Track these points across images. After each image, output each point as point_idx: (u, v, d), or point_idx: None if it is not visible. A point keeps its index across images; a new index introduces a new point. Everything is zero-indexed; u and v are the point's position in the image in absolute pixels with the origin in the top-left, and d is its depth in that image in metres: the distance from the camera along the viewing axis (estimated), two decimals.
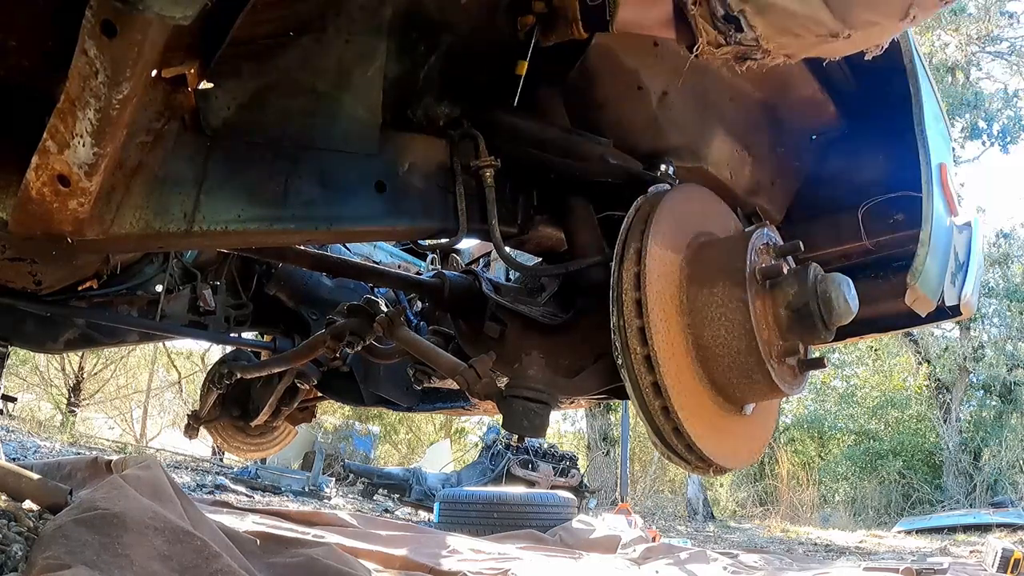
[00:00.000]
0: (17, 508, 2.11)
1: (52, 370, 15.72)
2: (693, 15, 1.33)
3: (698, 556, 5.20)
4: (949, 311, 2.05)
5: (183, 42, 1.06)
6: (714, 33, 1.33)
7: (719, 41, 1.34)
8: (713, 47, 1.35)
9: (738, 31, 1.31)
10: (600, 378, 1.54)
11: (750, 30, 1.30)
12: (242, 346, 2.98)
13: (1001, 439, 14.36)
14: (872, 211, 2.09)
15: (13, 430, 9.60)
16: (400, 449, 20.87)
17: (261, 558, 2.40)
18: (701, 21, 1.33)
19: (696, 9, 1.33)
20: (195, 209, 1.20)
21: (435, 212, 1.56)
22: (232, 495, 7.20)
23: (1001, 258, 16.01)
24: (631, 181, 1.70)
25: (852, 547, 9.14)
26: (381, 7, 1.38)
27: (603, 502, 13.06)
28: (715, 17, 1.31)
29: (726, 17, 1.30)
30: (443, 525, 6.50)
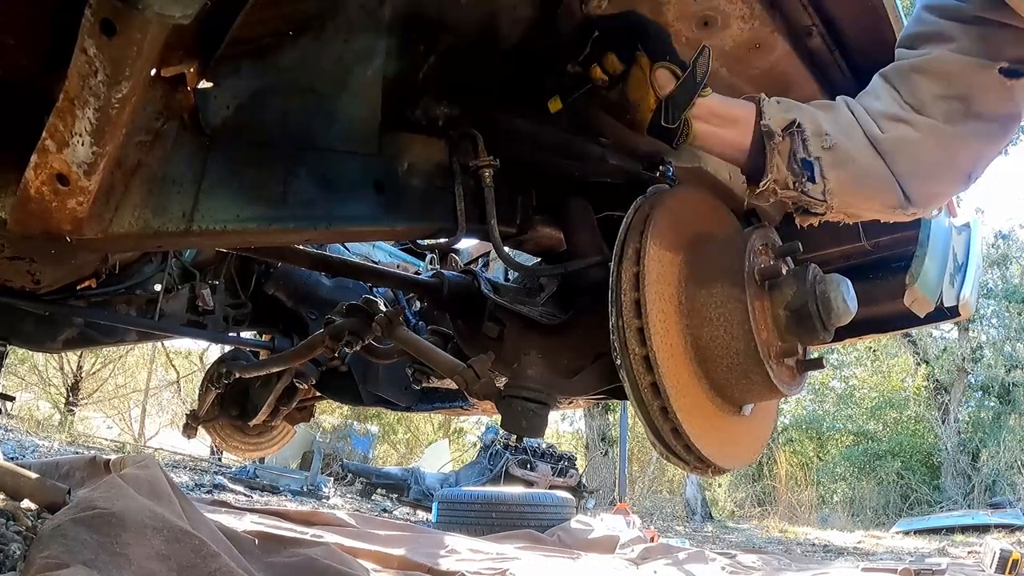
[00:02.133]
0: (15, 507, 2.11)
1: (51, 369, 15.71)
2: (774, 147, 1.26)
3: (696, 556, 5.20)
4: (948, 312, 2.05)
5: (183, 41, 1.06)
6: (786, 174, 1.27)
7: (787, 183, 1.27)
8: (778, 187, 1.29)
9: (810, 180, 1.25)
10: (599, 378, 1.54)
11: (821, 181, 1.24)
12: (241, 345, 2.98)
13: (999, 440, 14.39)
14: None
15: (11, 429, 9.60)
16: (398, 449, 20.88)
17: (259, 557, 2.41)
18: (778, 155, 1.26)
19: (781, 140, 1.26)
20: (194, 208, 1.20)
21: (434, 212, 1.56)
22: (230, 494, 7.20)
23: (1000, 259, 16.04)
24: (630, 181, 1.70)
25: (850, 548, 9.15)
26: (381, 7, 1.38)
27: (601, 502, 13.06)
28: (793, 157, 1.25)
29: (803, 161, 1.24)
30: (441, 525, 6.51)
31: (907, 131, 1.22)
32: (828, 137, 1.24)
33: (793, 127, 1.26)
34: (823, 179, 1.24)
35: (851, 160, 1.24)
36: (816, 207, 1.30)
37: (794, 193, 1.28)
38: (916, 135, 1.22)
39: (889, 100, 1.27)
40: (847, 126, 1.26)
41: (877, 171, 1.24)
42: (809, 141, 1.24)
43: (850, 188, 1.26)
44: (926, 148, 1.22)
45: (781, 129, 1.26)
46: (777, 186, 1.29)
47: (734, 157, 1.36)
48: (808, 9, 1.58)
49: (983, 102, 1.20)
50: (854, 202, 1.30)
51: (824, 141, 1.24)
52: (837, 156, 1.24)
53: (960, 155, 1.25)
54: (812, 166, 1.24)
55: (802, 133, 1.25)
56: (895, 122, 1.24)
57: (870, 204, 1.30)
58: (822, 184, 1.25)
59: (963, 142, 1.23)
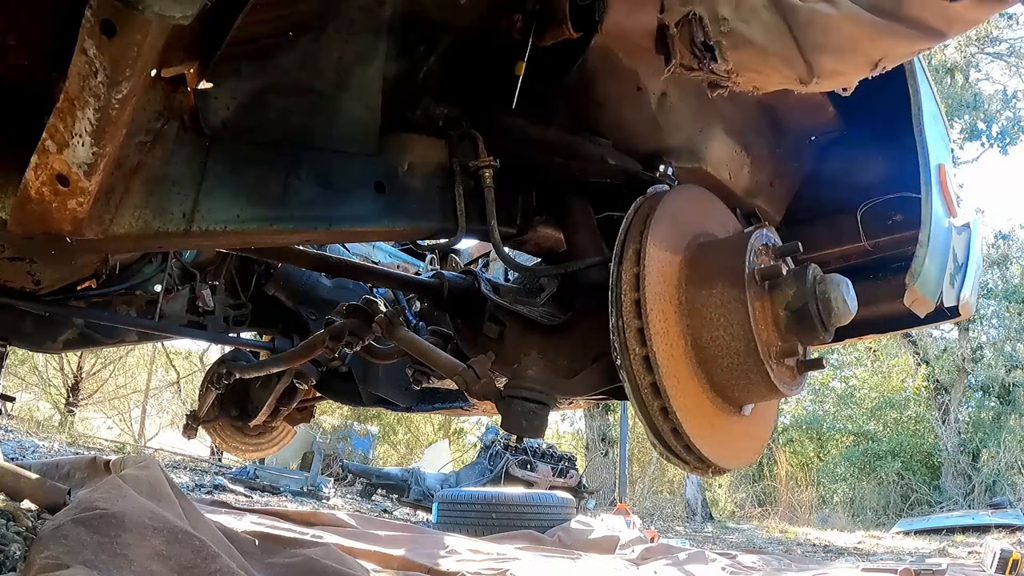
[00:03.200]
0: (16, 508, 2.10)
1: (51, 370, 15.71)
2: (672, 36, 1.36)
3: (696, 557, 5.20)
4: (948, 312, 2.05)
5: (183, 42, 1.07)
6: (689, 57, 1.37)
7: (692, 65, 1.37)
8: (685, 69, 1.39)
9: (712, 60, 1.34)
10: (599, 378, 1.54)
11: (723, 62, 1.33)
12: (241, 346, 2.98)
13: (999, 440, 14.38)
14: (871, 212, 2.09)
15: (12, 430, 9.59)
16: (399, 449, 20.87)
17: (259, 558, 2.40)
18: (679, 43, 1.36)
19: (676, 31, 1.36)
20: (194, 209, 1.20)
21: (434, 212, 1.56)
22: (230, 495, 7.20)
23: (1000, 259, 16.02)
24: (630, 182, 1.70)
25: (850, 548, 9.14)
26: (381, 7, 1.38)
27: (601, 503, 13.06)
28: (693, 42, 1.34)
29: (704, 45, 1.33)
30: (441, 525, 6.50)
31: (826, 7, 1.28)
32: (726, 22, 1.32)
33: (689, 16, 1.34)
34: (724, 60, 1.33)
35: (749, 42, 1.32)
36: (723, 81, 1.39)
37: (701, 73, 1.38)
38: (834, 12, 1.27)
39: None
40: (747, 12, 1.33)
41: (778, 50, 1.32)
42: (708, 28, 1.33)
43: (751, 65, 1.35)
44: (841, 28, 1.28)
45: (675, 22, 1.36)
46: (683, 68, 1.38)
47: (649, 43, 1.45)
48: None
49: (915, 7, 1.25)
50: (756, 76, 1.38)
51: (722, 26, 1.32)
52: (736, 38, 1.32)
53: (873, 44, 1.31)
54: (714, 49, 1.33)
55: (700, 21, 1.33)
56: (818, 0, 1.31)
57: (773, 77, 1.38)
58: (724, 64, 1.34)
59: (880, 34, 1.29)
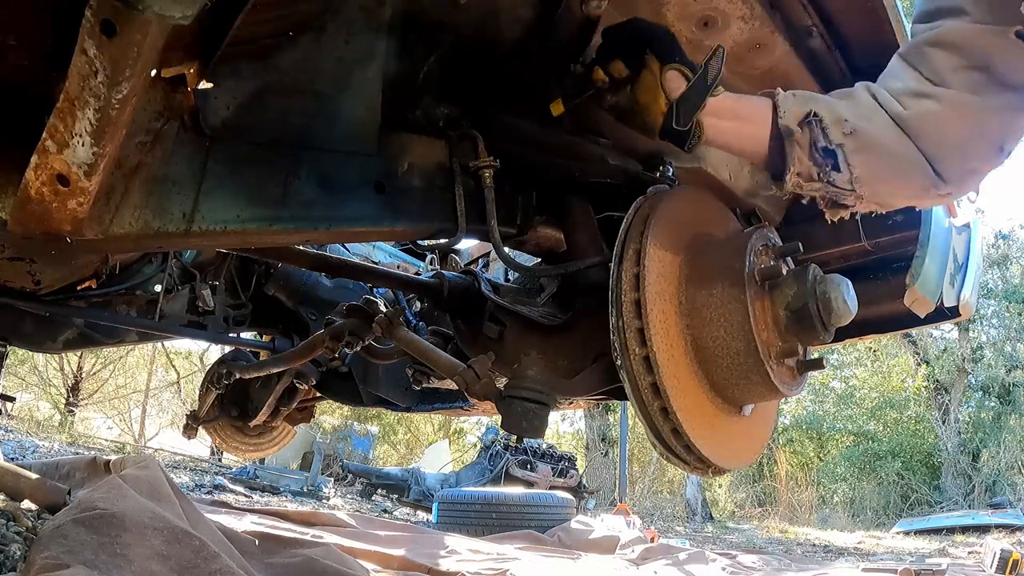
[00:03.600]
0: (16, 508, 2.11)
1: (51, 370, 15.72)
2: (793, 141, 1.23)
3: (696, 557, 5.21)
4: (948, 312, 2.05)
5: (183, 42, 1.07)
6: (809, 165, 1.22)
7: (811, 175, 1.23)
8: (803, 180, 1.24)
9: (834, 169, 1.20)
10: (599, 379, 1.54)
11: (847, 169, 1.20)
12: (241, 346, 2.98)
13: (1000, 440, 14.39)
14: (871, 212, 2.09)
15: (12, 430, 9.59)
16: (399, 449, 20.88)
17: (260, 558, 2.41)
18: (798, 149, 1.23)
19: (799, 133, 1.22)
20: (194, 209, 1.20)
21: (434, 212, 1.56)
22: (231, 495, 7.20)
23: (1000, 259, 16.03)
24: (630, 182, 1.70)
25: (850, 548, 9.15)
26: (381, 7, 1.38)
27: (602, 503, 13.06)
28: (814, 147, 1.21)
29: (825, 151, 1.20)
30: (441, 525, 6.51)
31: (930, 105, 1.17)
32: (847, 123, 1.20)
33: (810, 117, 1.22)
34: (848, 166, 1.20)
35: (875, 143, 1.19)
36: (845, 197, 1.26)
37: (820, 184, 1.24)
38: (940, 108, 1.16)
39: (908, 77, 1.22)
40: (867, 110, 1.21)
41: (904, 152, 1.18)
42: (829, 130, 1.20)
43: (878, 173, 1.22)
44: (952, 121, 1.17)
45: (798, 122, 1.23)
46: (802, 179, 1.25)
47: (754, 155, 1.33)
48: (808, 9, 1.58)
49: (1005, 69, 1.14)
50: (884, 188, 1.25)
51: (844, 127, 1.20)
52: (860, 141, 1.19)
53: (989, 126, 1.19)
54: (835, 154, 1.20)
55: (820, 123, 1.21)
56: (917, 98, 1.18)
57: (901, 188, 1.26)
58: (848, 172, 1.21)
59: (990, 112, 1.17)
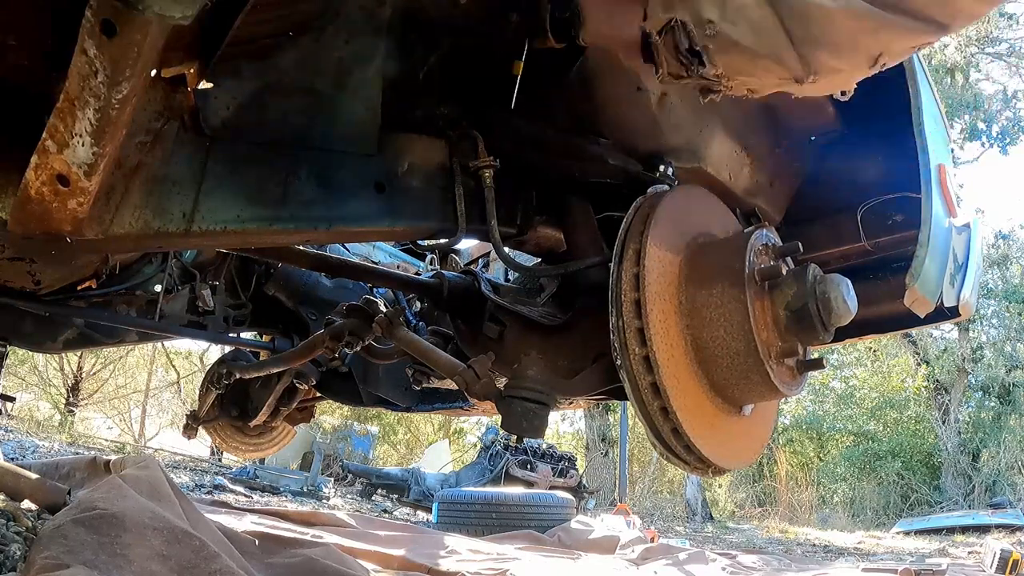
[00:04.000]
0: (16, 508, 2.10)
1: (51, 370, 15.71)
2: (656, 44, 1.33)
3: (696, 557, 5.20)
4: (948, 312, 2.05)
5: (183, 42, 1.07)
6: (676, 65, 1.32)
7: (680, 73, 1.33)
8: (674, 77, 1.34)
9: (700, 65, 1.29)
10: (599, 378, 1.54)
11: (712, 67, 1.28)
12: (241, 346, 2.98)
13: (999, 440, 14.38)
14: (871, 212, 2.09)
15: (12, 430, 9.59)
16: (399, 449, 20.87)
17: (260, 558, 2.40)
18: (664, 52, 1.32)
19: (660, 40, 1.32)
20: (194, 209, 1.20)
21: (434, 212, 1.56)
22: (231, 495, 7.20)
23: (1000, 259, 16.02)
24: (630, 181, 1.70)
25: (850, 548, 9.14)
26: (381, 7, 1.38)
27: (602, 503, 13.06)
28: (679, 50, 1.30)
29: (690, 51, 1.28)
30: (441, 525, 6.50)
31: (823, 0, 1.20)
32: (711, 25, 1.26)
33: (672, 23, 1.29)
34: (713, 65, 1.28)
35: (737, 44, 1.25)
36: (715, 87, 1.35)
37: (690, 79, 1.33)
38: (830, 4, 1.19)
39: None
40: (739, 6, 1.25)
41: (770, 50, 1.24)
42: (693, 33, 1.27)
43: (742, 67, 1.29)
44: (838, 20, 1.19)
45: (657, 30, 1.32)
46: (672, 76, 1.34)
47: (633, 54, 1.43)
48: None
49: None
50: (750, 80, 1.33)
51: (708, 29, 1.26)
52: (722, 42, 1.26)
53: (872, 39, 1.22)
54: (700, 54, 1.28)
55: (684, 27, 1.28)
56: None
57: (767, 79, 1.32)
58: (713, 69, 1.29)
59: (880, 27, 1.20)
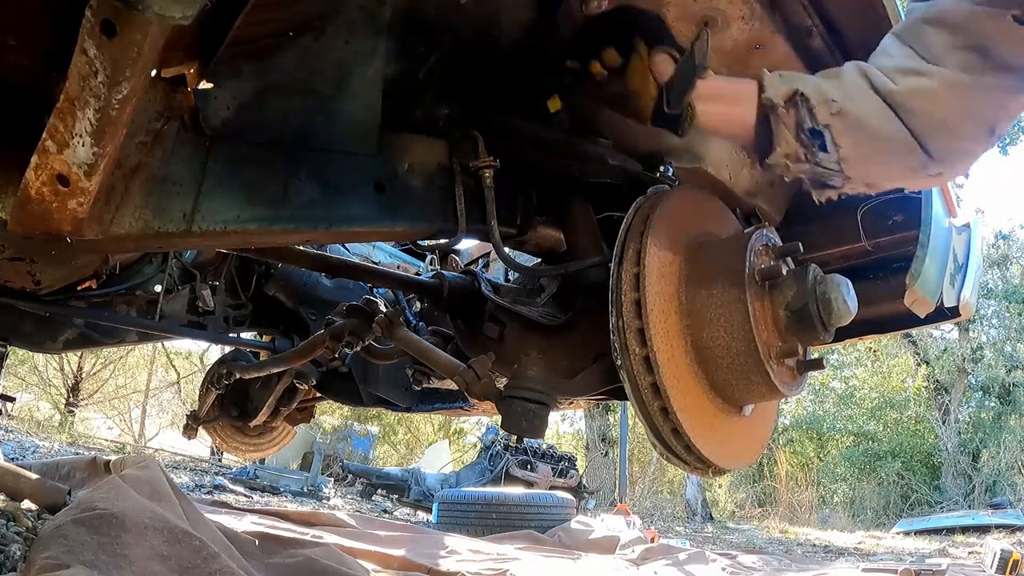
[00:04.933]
0: (16, 508, 2.11)
1: (51, 370, 15.71)
2: (778, 119, 1.22)
3: (696, 557, 5.21)
4: (948, 312, 2.05)
5: (183, 42, 1.07)
6: (795, 146, 1.22)
7: (798, 156, 1.22)
8: (790, 161, 1.24)
9: (821, 149, 1.19)
10: (599, 379, 1.54)
11: (834, 149, 1.19)
12: (241, 346, 2.98)
13: (1000, 440, 14.39)
14: (871, 212, 2.09)
15: (12, 430, 9.59)
16: (399, 449, 20.87)
17: (260, 558, 2.40)
18: (784, 130, 1.22)
19: (783, 113, 1.22)
20: (194, 209, 1.20)
21: (434, 213, 1.56)
22: (231, 495, 7.20)
23: (1000, 259, 16.03)
24: (631, 182, 1.70)
25: (851, 548, 9.14)
26: (381, 7, 1.38)
27: (602, 503, 13.06)
28: (800, 128, 1.20)
29: (811, 131, 1.19)
30: (442, 526, 6.50)
31: (923, 82, 1.14)
32: (835, 103, 1.18)
33: (796, 97, 1.21)
34: (835, 146, 1.19)
35: (862, 123, 1.18)
36: (833, 178, 1.24)
37: (807, 166, 1.23)
38: (932, 86, 1.14)
39: (901, 54, 1.20)
40: (855, 89, 1.19)
41: (892, 130, 1.16)
42: (816, 109, 1.19)
43: (865, 152, 1.20)
44: (944, 100, 1.14)
45: (784, 101, 1.22)
46: (788, 160, 1.24)
47: (742, 136, 1.33)
48: (808, 10, 1.58)
49: (1001, 50, 1.11)
50: (872, 168, 1.24)
51: (831, 107, 1.18)
52: (847, 121, 1.18)
53: (981, 107, 1.16)
54: (822, 135, 1.19)
55: (807, 102, 1.20)
56: (909, 75, 1.16)
57: (890, 168, 1.24)
58: (835, 152, 1.19)
59: (984, 93, 1.14)
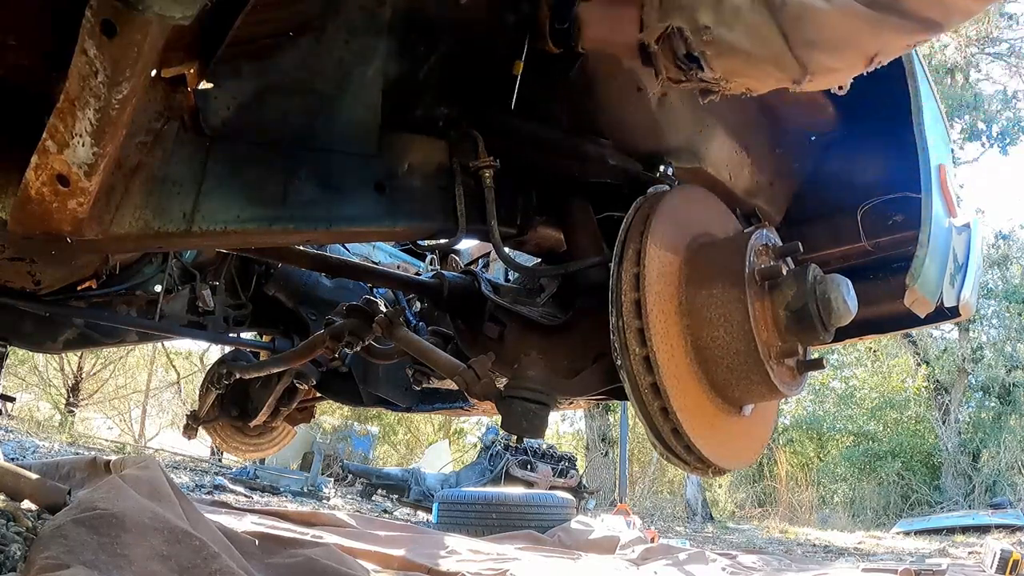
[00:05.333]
0: (16, 508, 2.10)
1: (51, 370, 15.71)
2: (655, 52, 1.35)
3: (697, 557, 5.20)
4: (948, 312, 2.05)
5: (183, 42, 1.07)
6: (675, 70, 1.35)
7: (680, 77, 1.36)
8: (674, 82, 1.37)
9: (699, 70, 1.31)
10: (599, 379, 1.54)
11: (710, 70, 1.31)
12: (241, 346, 2.98)
13: (1000, 440, 14.38)
14: (871, 212, 2.09)
15: (12, 430, 9.59)
16: (399, 450, 20.87)
17: (260, 558, 2.40)
18: (663, 59, 1.35)
19: (658, 47, 1.34)
20: (194, 209, 1.20)
21: (434, 213, 1.56)
22: (231, 495, 7.20)
23: (1000, 259, 16.01)
24: (630, 182, 1.70)
25: (851, 548, 9.14)
26: (381, 7, 1.38)
27: (602, 503, 13.06)
28: (676, 56, 1.32)
29: (688, 56, 1.31)
30: (442, 526, 6.50)
31: (817, 1, 1.22)
32: (708, 30, 1.28)
33: (669, 30, 1.32)
34: (711, 69, 1.31)
35: (735, 47, 1.27)
36: (714, 88, 1.36)
37: (691, 83, 1.36)
38: (825, 6, 1.21)
39: None
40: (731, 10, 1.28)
41: (767, 53, 1.26)
42: (690, 39, 1.29)
43: (740, 69, 1.31)
44: (832, 21, 1.22)
45: (656, 39, 1.34)
46: (671, 81, 1.37)
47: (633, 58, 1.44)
48: None
49: None
50: (748, 81, 1.34)
51: (705, 35, 1.28)
52: (719, 47, 1.28)
53: (867, 38, 1.24)
54: (698, 59, 1.30)
55: (680, 33, 1.30)
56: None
57: (764, 79, 1.34)
58: (711, 73, 1.31)
59: (874, 27, 1.21)
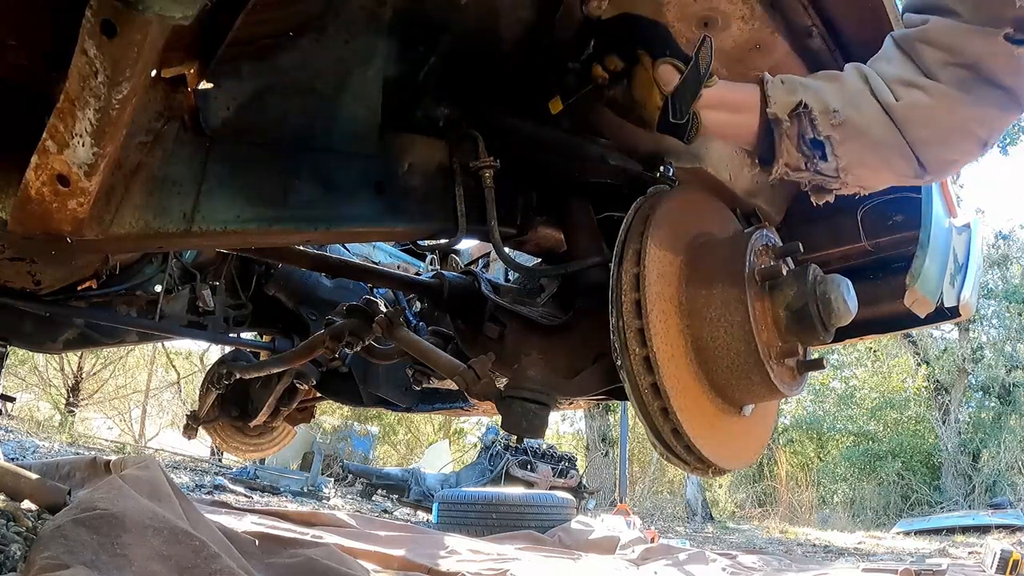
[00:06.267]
0: (16, 508, 2.11)
1: (51, 370, 15.71)
2: (782, 132, 1.26)
3: (697, 557, 5.21)
4: (948, 312, 2.05)
5: (183, 42, 1.07)
6: (797, 156, 1.26)
7: (799, 165, 1.27)
8: (791, 169, 1.28)
9: (822, 159, 1.24)
10: (599, 379, 1.54)
11: (834, 159, 1.24)
12: (241, 346, 2.98)
13: (1000, 440, 14.40)
14: (871, 212, 2.09)
15: (12, 430, 9.59)
16: (399, 450, 20.88)
17: (260, 558, 2.41)
18: (786, 141, 1.26)
19: (787, 126, 1.25)
20: (194, 209, 1.20)
21: (434, 213, 1.56)
22: (231, 495, 7.20)
23: (1000, 259, 16.03)
24: (631, 182, 1.71)
25: (851, 548, 9.14)
26: (381, 8, 1.38)
27: (602, 503, 13.07)
28: (802, 139, 1.25)
29: (813, 141, 1.23)
30: (442, 526, 6.51)
31: (921, 96, 1.20)
32: (837, 114, 1.22)
33: (799, 108, 1.25)
34: (835, 157, 1.24)
35: (862, 133, 1.22)
36: (830, 184, 1.30)
37: (807, 174, 1.28)
38: (930, 100, 1.19)
39: (901, 65, 1.25)
40: (856, 96, 1.24)
41: (890, 141, 1.22)
42: (817, 121, 1.23)
43: (863, 161, 1.25)
44: (940, 113, 1.20)
45: (787, 113, 1.26)
46: (789, 168, 1.28)
47: (746, 142, 1.37)
48: (808, 10, 1.58)
49: (992, 69, 1.17)
50: (868, 174, 1.29)
51: (833, 118, 1.22)
52: (847, 132, 1.22)
53: (975, 121, 1.22)
54: (823, 145, 1.23)
55: (809, 114, 1.24)
56: (908, 87, 1.21)
57: (884, 175, 1.30)
58: (834, 161, 1.24)
59: (977, 108, 1.20)
